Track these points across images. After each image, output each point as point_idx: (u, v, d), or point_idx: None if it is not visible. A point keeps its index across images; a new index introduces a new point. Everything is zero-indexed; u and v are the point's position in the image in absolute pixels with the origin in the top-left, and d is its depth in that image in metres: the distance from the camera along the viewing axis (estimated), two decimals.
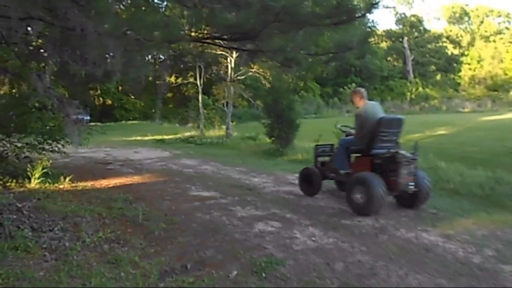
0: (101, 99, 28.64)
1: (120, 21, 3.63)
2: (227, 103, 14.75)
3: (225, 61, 14.06)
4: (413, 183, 4.96)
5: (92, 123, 12.98)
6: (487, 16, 54.25)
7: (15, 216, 4.13)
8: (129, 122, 25.18)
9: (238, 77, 14.49)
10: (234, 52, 13.35)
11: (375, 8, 4.17)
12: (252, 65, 14.44)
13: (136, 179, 7.19)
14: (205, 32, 3.76)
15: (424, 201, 5.16)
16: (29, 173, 6.24)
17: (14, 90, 6.45)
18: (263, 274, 3.19)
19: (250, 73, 14.33)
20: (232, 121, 13.28)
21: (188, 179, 7.17)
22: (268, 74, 13.37)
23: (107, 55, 4.78)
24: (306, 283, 3.07)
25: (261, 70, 13.71)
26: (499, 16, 54.33)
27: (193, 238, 4.05)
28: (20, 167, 6.58)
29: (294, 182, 6.88)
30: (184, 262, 3.42)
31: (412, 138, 17.38)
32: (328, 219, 4.70)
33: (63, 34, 3.47)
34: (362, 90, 5.59)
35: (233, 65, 13.77)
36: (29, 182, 6.19)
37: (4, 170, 6.36)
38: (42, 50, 4.64)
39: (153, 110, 30.68)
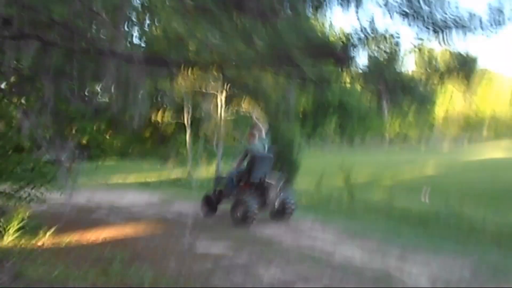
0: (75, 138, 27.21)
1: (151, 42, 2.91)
2: (217, 143, 13.99)
3: (215, 99, 13.45)
4: (279, 200, 6.70)
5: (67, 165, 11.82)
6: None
7: None
8: (106, 162, 23.88)
9: (228, 117, 13.85)
10: (225, 89, 12.78)
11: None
12: (242, 103, 13.89)
13: (128, 231, 6.23)
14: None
15: (290, 215, 6.78)
16: (1, 228, 5.24)
17: None
18: None
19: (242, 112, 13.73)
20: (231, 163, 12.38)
21: (190, 228, 6.25)
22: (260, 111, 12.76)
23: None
24: None
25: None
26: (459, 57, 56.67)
27: None
28: None
29: (312, 232, 6.11)
30: None
31: (403, 177, 17.13)
32: (375, 285, 3.92)
33: (67, 57, 2.70)
34: (256, 132, 7.18)
35: (223, 103, 13.16)
36: (3, 237, 5.19)
37: None
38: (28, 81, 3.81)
39: (130, 150, 29.42)
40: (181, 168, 16.26)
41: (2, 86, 5.55)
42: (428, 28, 3.15)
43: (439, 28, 3.10)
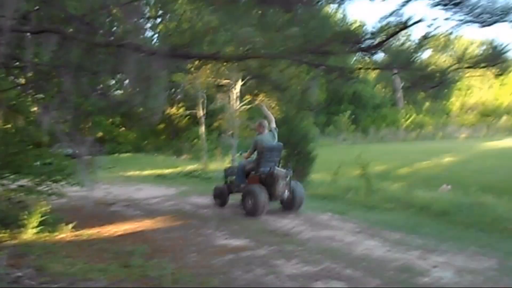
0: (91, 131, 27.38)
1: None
2: (232, 134, 13.97)
3: (229, 91, 13.38)
4: (288, 192, 6.72)
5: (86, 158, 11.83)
6: (471, 44, 55.13)
7: None
8: (122, 155, 24.11)
9: (242, 108, 13.80)
10: (240, 81, 12.73)
11: None
12: (256, 95, 13.79)
13: (147, 223, 6.26)
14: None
15: (299, 205, 6.85)
16: (24, 221, 5.31)
17: (9, 125, 5.57)
18: None
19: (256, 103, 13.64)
20: (240, 154, 12.35)
21: (208, 222, 6.26)
22: (274, 104, 12.66)
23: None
24: None
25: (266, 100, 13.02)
26: (483, 45, 55.32)
27: None
28: (13, 214, 5.62)
29: (331, 224, 6.06)
30: None
31: (421, 167, 16.87)
32: (398, 277, 3.85)
33: (86, 53, 2.67)
34: (265, 123, 7.17)
35: (238, 95, 13.11)
36: (24, 231, 5.25)
37: None
38: (48, 75, 3.80)
39: (145, 143, 29.59)
40: (196, 160, 16.29)
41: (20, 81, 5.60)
42: (472, 20, 3.01)
43: (483, 19, 2.96)
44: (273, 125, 7.38)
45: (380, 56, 3.80)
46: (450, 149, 21.84)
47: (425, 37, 3.42)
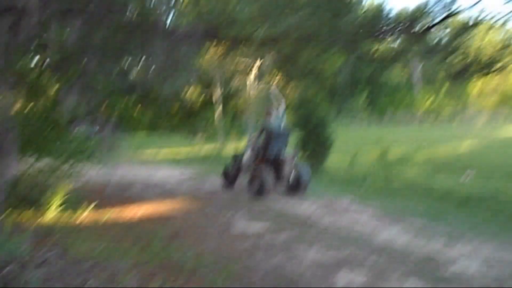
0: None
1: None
2: (246, 119, 13.91)
3: (246, 75, 13.24)
4: (294, 175, 6.91)
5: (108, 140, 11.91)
6: (488, 31, 53.49)
7: (41, 272, 3.23)
8: (138, 136, 24.22)
9: (258, 93, 13.67)
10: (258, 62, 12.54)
11: None
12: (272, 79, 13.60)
13: (165, 206, 6.26)
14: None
15: (305, 188, 6.93)
16: (45, 202, 5.36)
17: (31, 105, 5.57)
18: None
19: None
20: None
21: (226, 206, 6.25)
22: (290, 88, 12.51)
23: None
24: None
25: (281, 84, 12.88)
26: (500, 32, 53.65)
27: None
28: (35, 195, 5.66)
29: (350, 209, 5.99)
30: None
31: (439, 152, 16.59)
32: (424, 265, 3.78)
33: (112, 34, 2.59)
34: (273, 108, 7.49)
35: (254, 79, 12.96)
36: (46, 212, 5.31)
37: (17, 198, 5.45)
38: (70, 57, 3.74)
39: (159, 125, 29.73)
40: (210, 143, 16.29)
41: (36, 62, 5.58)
42: None
43: None
44: (282, 109, 7.54)
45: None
46: (468, 134, 21.47)
47: (474, 24, 3.27)
